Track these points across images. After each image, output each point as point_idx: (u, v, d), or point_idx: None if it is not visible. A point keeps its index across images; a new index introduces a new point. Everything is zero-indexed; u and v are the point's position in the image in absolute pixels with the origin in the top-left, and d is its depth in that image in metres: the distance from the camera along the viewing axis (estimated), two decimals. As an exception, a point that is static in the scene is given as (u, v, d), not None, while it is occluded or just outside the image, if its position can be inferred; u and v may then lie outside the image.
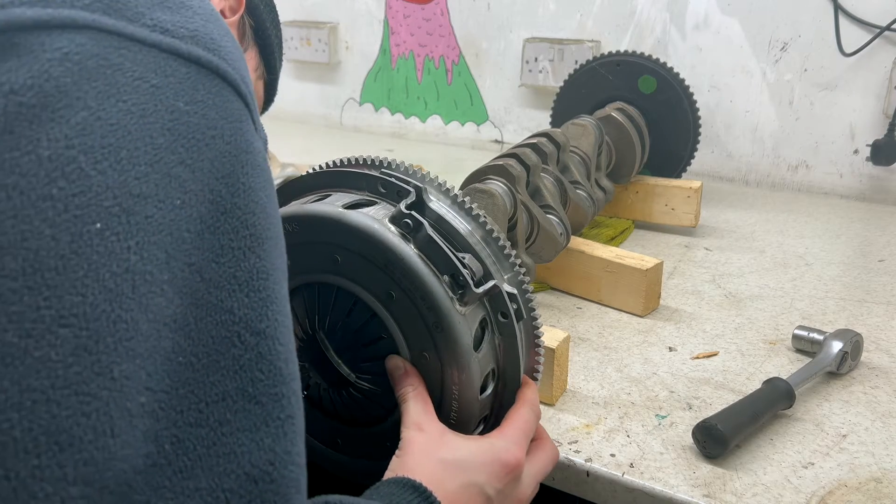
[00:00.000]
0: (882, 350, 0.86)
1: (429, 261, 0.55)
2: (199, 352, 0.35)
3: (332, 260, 0.57)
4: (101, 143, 0.34)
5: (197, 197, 0.36)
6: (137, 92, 0.35)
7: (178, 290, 0.35)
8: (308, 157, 1.54)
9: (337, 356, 0.63)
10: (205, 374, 0.35)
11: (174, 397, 0.34)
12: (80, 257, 0.32)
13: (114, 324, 0.32)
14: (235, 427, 0.36)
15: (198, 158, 0.37)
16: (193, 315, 0.35)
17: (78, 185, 0.32)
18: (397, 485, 0.51)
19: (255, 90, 0.73)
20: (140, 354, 0.33)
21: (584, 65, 1.29)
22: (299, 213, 0.58)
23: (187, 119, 0.37)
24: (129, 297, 0.33)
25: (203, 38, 0.39)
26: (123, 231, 0.33)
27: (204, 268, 0.36)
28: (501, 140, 1.74)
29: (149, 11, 0.38)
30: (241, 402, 0.36)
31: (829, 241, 1.19)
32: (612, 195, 1.14)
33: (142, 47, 0.37)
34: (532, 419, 0.59)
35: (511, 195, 0.85)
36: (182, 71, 0.37)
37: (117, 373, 0.32)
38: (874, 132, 1.35)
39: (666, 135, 1.26)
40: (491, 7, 1.66)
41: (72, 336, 0.31)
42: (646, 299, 0.93)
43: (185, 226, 0.35)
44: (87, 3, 0.36)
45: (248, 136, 0.40)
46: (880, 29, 1.29)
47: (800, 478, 0.65)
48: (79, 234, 0.32)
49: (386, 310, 0.57)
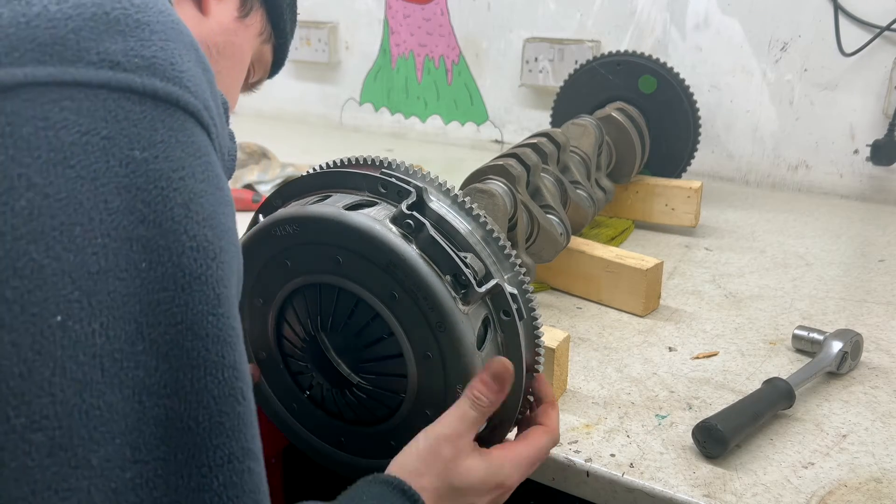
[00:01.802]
0: (882, 350, 0.86)
1: (431, 261, 0.55)
2: (200, 414, 0.34)
3: (333, 261, 0.58)
4: (51, 226, 0.31)
5: (168, 251, 0.34)
6: (86, 151, 0.32)
7: (161, 354, 0.33)
8: (308, 157, 1.54)
9: (338, 357, 0.63)
10: (207, 437, 0.34)
11: (172, 463, 0.33)
12: (43, 356, 0.30)
13: (86, 414, 0.31)
14: (240, 490, 0.35)
15: (163, 210, 0.34)
16: (188, 376, 0.34)
17: (32, 279, 0.30)
18: (386, 485, 0.51)
19: (261, 54, 0.72)
20: (121, 433, 0.32)
21: (585, 65, 1.29)
22: (300, 214, 0.58)
23: (146, 168, 0.33)
24: (100, 382, 0.31)
25: (160, 66, 0.35)
26: (86, 315, 0.31)
27: (196, 322, 0.34)
28: (501, 140, 1.74)
29: (95, 43, 0.34)
30: (246, 463, 0.36)
31: (829, 241, 1.19)
32: (612, 195, 1.14)
33: (88, 92, 0.33)
34: (547, 451, 0.59)
35: (511, 195, 0.85)
36: (136, 111, 0.34)
37: (96, 461, 0.31)
38: (874, 132, 1.35)
39: (666, 135, 1.26)
40: (491, 7, 1.66)
41: (45, 439, 0.30)
42: (646, 299, 0.93)
43: (156, 286, 0.33)
44: (18, 56, 0.32)
45: (217, 170, 0.37)
46: (880, 29, 1.29)
47: (800, 478, 0.65)
48: (40, 333, 0.30)
49: (388, 310, 0.57)
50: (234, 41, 0.64)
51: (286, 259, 0.60)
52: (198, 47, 0.39)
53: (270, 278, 0.61)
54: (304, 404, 0.66)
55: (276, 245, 0.60)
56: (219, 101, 0.40)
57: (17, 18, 0.32)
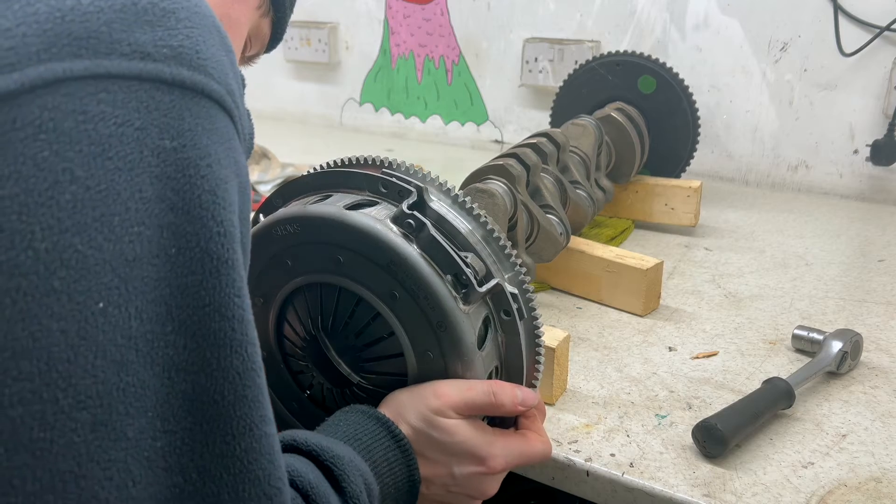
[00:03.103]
0: (882, 350, 0.86)
1: (432, 260, 0.55)
2: (226, 389, 0.37)
3: (334, 260, 0.58)
4: (93, 217, 0.33)
5: (196, 237, 0.35)
6: (122, 142, 0.34)
7: (189, 334, 0.35)
8: (308, 157, 1.54)
9: (339, 356, 0.63)
10: (231, 409, 0.37)
11: (198, 433, 0.36)
12: (88, 342, 0.32)
13: (123, 392, 0.33)
14: (258, 453, 0.38)
15: (191, 197, 0.35)
16: (215, 354, 0.36)
17: (77, 270, 0.32)
18: (362, 414, 0.55)
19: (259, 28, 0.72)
20: (152, 406, 0.35)
21: (584, 65, 1.29)
22: (301, 213, 0.58)
23: (175, 157, 0.35)
24: (135, 362, 0.34)
25: (187, 54, 0.37)
26: (123, 301, 0.33)
27: (223, 304, 0.36)
28: (501, 140, 1.74)
29: (126, 35, 0.35)
30: (263, 428, 0.38)
31: (829, 241, 1.19)
32: (611, 195, 1.14)
33: (122, 84, 0.34)
34: (538, 456, 0.60)
35: (511, 195, 0.86)
36: (166, 101, 0.35)
37: (132, 433, 0.34)
38: (874, 132, 1.35)
39: (666, 135, 1.26)
40: (491, 7, 1.66)
41: (89, 416, 0.33)
42: (646, 299, 0.93)
43: (185, 270, 0.35)
44: (56, 52, 0.33)
45: (239, 157, 0.39)
46: (880, 29, 1.29)
47: (800, 477, 0.65)
48: (84, 320, 0.32)
49: (389, 310, 0.57)
50: (231, 14, 0.65)
51: (287, 258, 0.60)
52: (220, 28, 0.40)
53: (271, 278, 0.62)
54: (304, 404, 0.67)
55: (277, 244, 0.60)
56: (239, 81, 0.42)
57: (53, 13, 0.33)
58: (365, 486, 0.49)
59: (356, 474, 0.49)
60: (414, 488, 0.54)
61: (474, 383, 0.57)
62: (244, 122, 0.42)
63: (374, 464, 0.52)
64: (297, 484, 0.46)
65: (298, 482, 0.46)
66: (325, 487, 0.47)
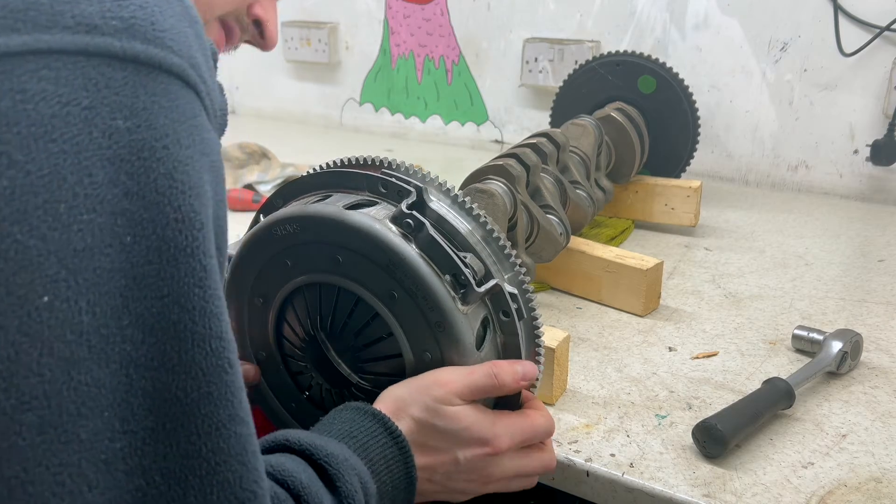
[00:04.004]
0: (882, 350, 0.86)
1: (430, 261, 0.55)
2: (189, 385, 0.34)
3: (333, 260, 0.58)
4: (34, 204, 0.30)
5: (153, 224, 0.33)
6: (68, 123, 0.31)
7: (147, 328, 0.33)
8: (308, 157, 1.54)
9: (338, 357, 0.63)
10: (196, 407, 0.35)
11: (161, 433, 0.34)
12: (31, 338, 0.30)
13: (74, 391, 0.31)
14: (227, 454, 0.36)
15: (146, 181, 0.33)
16: (176, 349, 0.34)
17: (17, 261, 0.30)
18: (357, 411, 0.53)
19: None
20: (109, 406, 0.32)
21: (584, 65, 1.29)
22: (301, 213, 0.58)
23: (129, 138, 0.32)
24: (87, 359, 0.31)
25: (141, 26, 0.33)
26: (72, 294, 0.31)
27: (182, 294, 0.34)
28: (501, 140, 1.74)
29: (69, 6, 0.32)
30: (232, 428, 0.36)
31: (829, 241, 1.19)
32: (611, 195, 1.14)
33: (65, 60, 0.31)
34: (541, 432, 0.59)
35: (511, 195, 0.86)
36: (118, 77, 0.32)
37: (85, 434, 0.31)
38: (874, 132, 1.35)
39: (665, 135, 1.26)
40: (491, 7, 1.66)
41: (35, 418, 0.30)
42: (646, 299, 0.93)
43: (141, 260, 0.33)
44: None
45: (205, 134, 0.36)
46: (880, 29, 1.29)
47: (800, 478, 0.65)
48: (27, 315, 0.30)
49: (388, 309, 0.57)
50: None
51: (286, 258, 0.60)
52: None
53: (271, 278, 0.62)
54: (303, 404, 0.66)
55: (276, 245, 0.60)
56: (208, 53, 0.38)
57: None
58: (360, 484, 0.48)
59: (351, 473, 0.48)
60: (411, 485, 0.54)
61: (474, 368, 0.56)
62: (214, 97, 0.39)
63: (371, 462, 0.51)
64: (288, 485, 0.44)
65: (290, 483, 0.44)
66: (318, 487, 0.45)
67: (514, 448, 0.57)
